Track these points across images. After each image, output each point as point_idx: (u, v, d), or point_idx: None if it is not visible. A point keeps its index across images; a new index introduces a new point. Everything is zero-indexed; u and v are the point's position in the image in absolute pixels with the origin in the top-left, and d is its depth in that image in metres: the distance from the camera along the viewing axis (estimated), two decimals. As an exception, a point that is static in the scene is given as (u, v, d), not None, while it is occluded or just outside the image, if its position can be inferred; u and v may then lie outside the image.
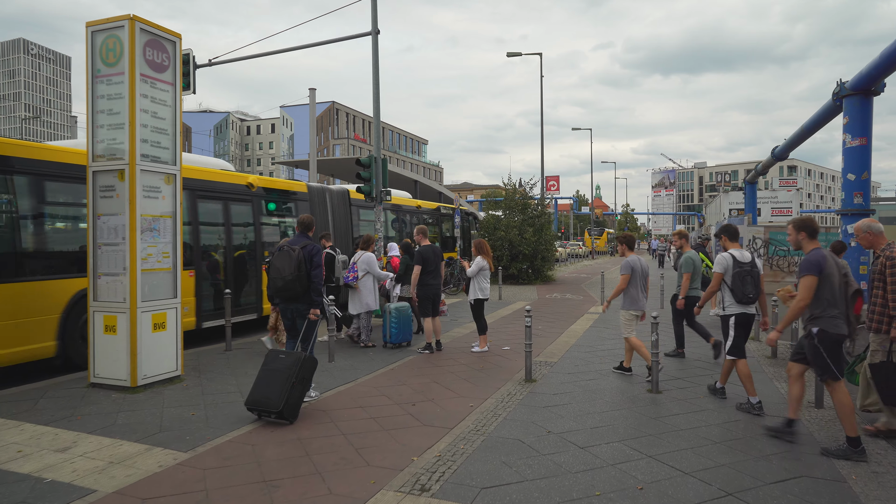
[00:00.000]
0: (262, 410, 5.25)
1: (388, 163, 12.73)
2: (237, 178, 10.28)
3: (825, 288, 4.60)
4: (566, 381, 6.91)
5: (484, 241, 8.88)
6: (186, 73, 14.05)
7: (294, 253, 5.81)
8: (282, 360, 5.42)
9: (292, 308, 5.99)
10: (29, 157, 6.91)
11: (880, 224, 5.08)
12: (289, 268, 5.76)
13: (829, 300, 4.60)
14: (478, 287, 8.65)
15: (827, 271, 4.61)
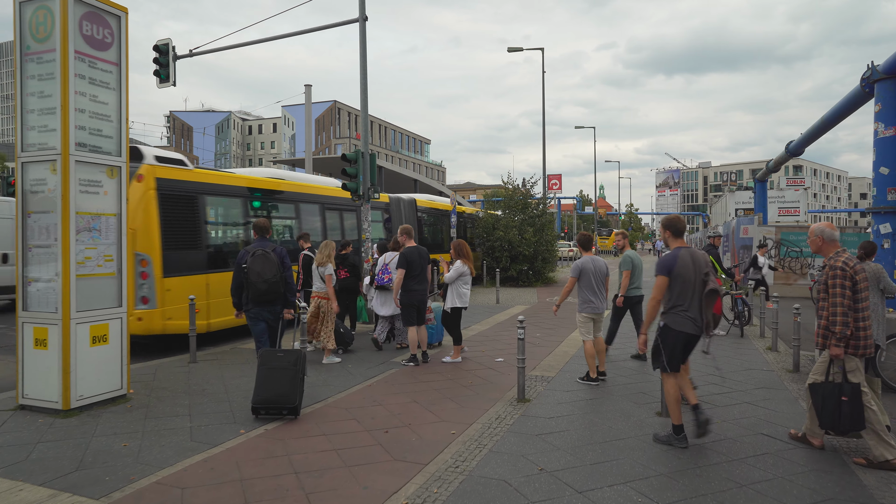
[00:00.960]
0: (275, 407, 5.38)
1: (390, 162, 11.97)
2: (344, 193, 12.00)
3: (675, 286, 4.77)
4: (564, 401, 6.11)
5: (464, 242, 8.07)
6: (166, 63, 13.30)
7: (271, 256, 5.98)
8: (281, 358, 5.52)
9: (268, 310, 6.11)
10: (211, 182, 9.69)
11: (836, 231, 4.75)
12: (270, 270, 5.93)
13: (678, 298, 4.75)
14: (456, 294, 7.86)
15: (677, 271, 4.75)
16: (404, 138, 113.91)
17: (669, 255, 4.86)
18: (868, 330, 4.44)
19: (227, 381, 6.82)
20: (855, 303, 4.40)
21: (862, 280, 4.42)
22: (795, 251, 17.95)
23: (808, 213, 50.55)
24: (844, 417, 4.32)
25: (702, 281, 4.76)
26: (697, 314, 4.74)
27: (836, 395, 4.36)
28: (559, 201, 78.48)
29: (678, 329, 4.77)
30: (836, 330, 4.33)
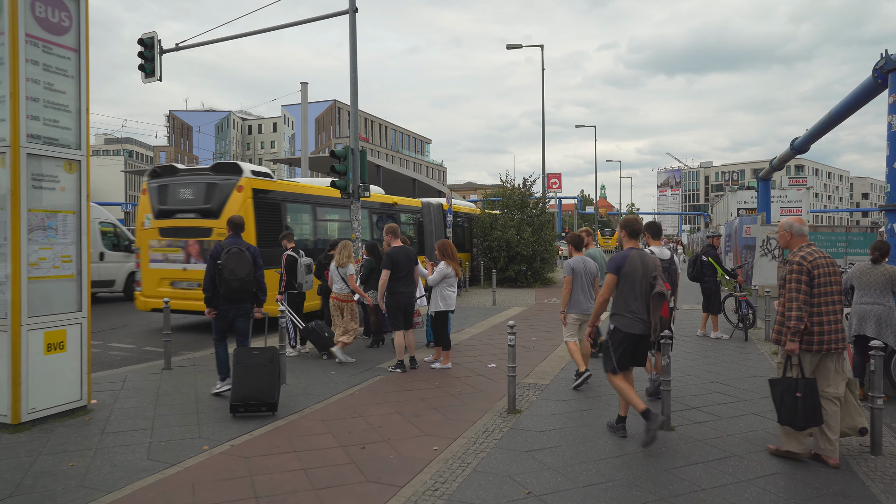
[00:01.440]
0: (254, 404, 5.43)
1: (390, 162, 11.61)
2: (388, 199, 15.39)
3: (624, 287, 4.83)
4: (557, 412, 5.69)
5: (448, 242, 7.65)
6: (151, 58, 12.90)
7: (246, 254, 5.99)
8: (257, 356, 5.55)
9: (237, 308, 6.10)
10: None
11: (804, 225, 4.66)
12: (244, 268, 5.93)
13: (626, 299, 4.82)
14: (440, 297, 7.45)
15: (626, 271, 4.81)
16: (405, 138, 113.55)
17: (619, 255, 4.94)
18: (827, 325, 4.30)
19: (200, 390, 6.42)
20: (812, 297, 4.32)
21: (822, 275, 4.33)
22: (800, 251, 17.54)
23: (811, 213, 50.04)
24: (800, 413, 4.25)
25: (649, 283, 4.80)
26: (645, 315, 4.80)
27: (793, 390, 4.28)
28: (560, 201, 78.17)
29: (626, 331, 4.84)
30: (791, 325, 4.27)
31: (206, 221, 10.02)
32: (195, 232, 10.07)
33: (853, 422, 4.52)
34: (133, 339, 10.08)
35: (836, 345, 4.34)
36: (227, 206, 9.90)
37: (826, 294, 4.34)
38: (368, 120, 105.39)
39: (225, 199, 9.99)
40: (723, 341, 9.54)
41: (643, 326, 4.81)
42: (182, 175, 10.71)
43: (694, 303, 14.62)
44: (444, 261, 7.49)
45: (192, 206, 10.24)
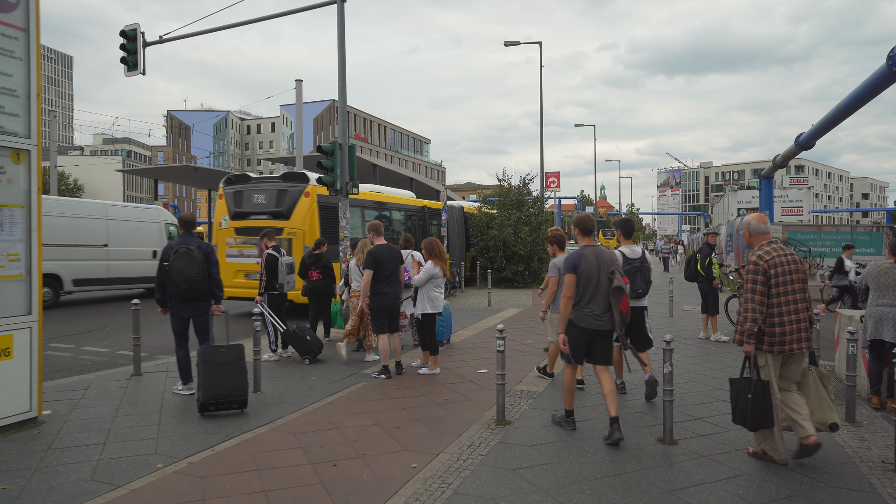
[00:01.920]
0: (225, 402, 5.39)
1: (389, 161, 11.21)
2: (419, 202, 17.51)
3: (581, 284, 4.85)
4: (550, 424, 5.24)
5: (436, 240, 7.20)
6: (133, 50, 12.45)
7: (195, 254, 5.86)
8: (224, 353, 5.53)
9: (191, 307, 6.01)
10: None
11: (765, 223, 4.54)
12: (193, 269, 5.81)
13: (584, 296, 4.84)
14: (427, 298, 7.01)
15: (582, 269, 4.85)
16: (404, 138, 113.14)
17: (575, 254, 4.97)
18: (788, 326, 4.19)
19: (167, 399, 5.97)
20: (769, 297, 4.21)
21: (780, 274, 4.22)
22: (803, 251, 17.06)
23: (812, 213, 49.58)
24: (750, 414, 4.20)
25: (607, 279, 4.84)
26: (602, 310, 4.84)
27: (746, 392, 4.24)
28: (559, 201, 77.73)
29: (581, 325, 4.87)
30: (746, 326, 4.19)
31: (277, 222, 11.54)
32: None
33: (824, 417, 4.35)
34: (110, 341, 9.63)
35: (797, 345, 4.21)
36: (297, 209, 11.67)
37: (785, 294, 4.21)
38: (367, 120, 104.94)
39: (294, 203, 11.71)
40: (727, 344, 9.10)
41: (597, 321, 4.84)
42: (255, 182, 12.42)
43: (695, 304, 14.18)
44: (431, 260, 7.05)
45: (264, 209, 11.91)
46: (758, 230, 4.51)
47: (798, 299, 4.23)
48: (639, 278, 5.90)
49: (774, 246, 4.36)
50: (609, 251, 5.09)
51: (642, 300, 5.99)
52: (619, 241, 6.33)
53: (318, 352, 7.80)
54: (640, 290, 5.90)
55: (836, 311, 7.40)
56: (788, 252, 4.34)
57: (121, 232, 15.13)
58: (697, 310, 13.22)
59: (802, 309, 4.25)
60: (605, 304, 4.84)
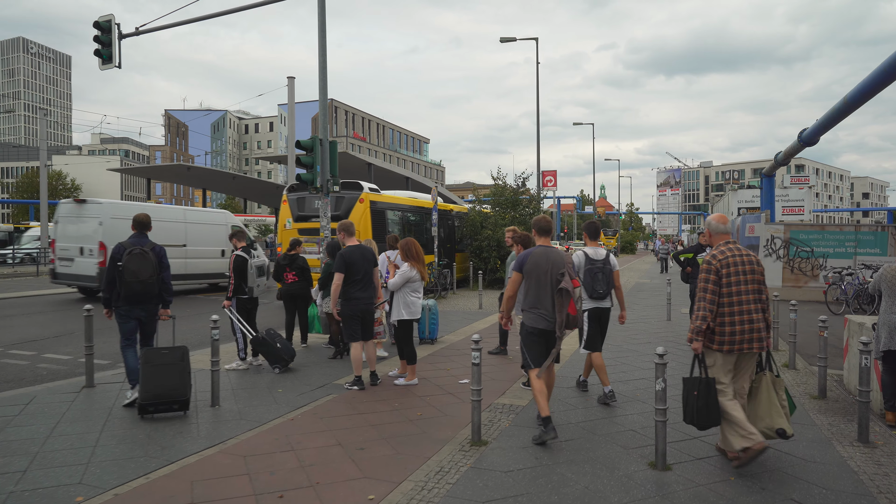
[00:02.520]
0: (165, 403, 5.35)
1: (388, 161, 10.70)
2: (448, 207, 18.72)
3: (528, 284, 4.90)
4: (531, 445, 4.73)
5: (413, 241, 6.69)
6: (108, 43, 11.94)
7: (149, 255, 5.71)
8: (167, 354, 5.50)
9: (141, 309, 5.82)
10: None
11: (724, 223, 4.58)
12: (147, 270, 5.66)
13: (531, 296, 4.89)
14: (403, 303, 6.50)
15: (528, 268, 4.88)
16: (402, 137, 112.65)
17: (523, 253, 5.02)
18: (738, 325, 4.19)
19: (114, 415, 5.46)
20: (719, 297, 4.24)
21: (731, 274, 4.24)
22: (806, 251, 16.57)
23: (813, 213, 49.05)
24: (696, 413, 4.21)
25: (556, 280, 4.81)
26: (550, 311, 4.83)
27: (693, 389, 4.24)
28: (559, 200, 77.05)
29: (531, 325, 4.90)
30: (696, 324, 4.23)
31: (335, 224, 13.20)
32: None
33: (772, 422, 4.29)
34: (75, 348, 9.11)
35: (748, 345, 4.21)
36: (353, 212, 13.51)
37: (738, 294, 4.22)
38: (366, 119, 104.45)
39: (350, 207, 13.62)
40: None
41: (547, 322, 4.84)
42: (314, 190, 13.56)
43: (694, 306, 13.69)
44: (407, 262, 6.54)
45: None
46: (717, 230, 4.55)
47: (751, 300, 4.23)
48: (601, 279, 5.86)
49: (731, 246, 4.39)
50: (561, 252, 5.07)
51: (605, 301, 5.97)
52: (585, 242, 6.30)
53: (289, 360, 7.30)
54: (602, 291, 5.88)
55: (844, 317, 6.88)
56: (745, 253, 4.36)
57: (196, 233, 16.69)
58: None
59: (756, 310, 4.24)
60: (553, 305, 4.83)
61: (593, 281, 5.80)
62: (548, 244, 5.04)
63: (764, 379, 4.40)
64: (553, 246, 5.07)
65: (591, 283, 5.79)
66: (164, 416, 5.41)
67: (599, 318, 5.92)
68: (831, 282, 14.24)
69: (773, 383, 4.40)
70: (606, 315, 5.98)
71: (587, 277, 5.80)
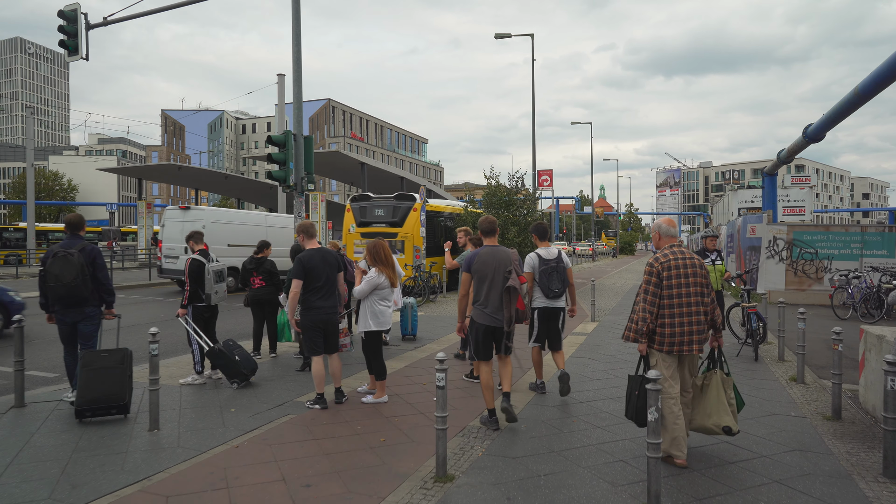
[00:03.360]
0: (102, 408, 5.27)
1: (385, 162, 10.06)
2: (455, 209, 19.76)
3: (477, 283, 5.15)
4: (505, 480, 4.09)
5: (381, 243, 6.03)
6: (74, 33, 11.30)
7: (73, 258, 5.47)
8: (106, 357, 5.41)
9: (76, 312, 5.62)
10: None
11: (673, 227, 4.67)
12: (70, 273, 5.44)
13: (479, 293, 5.13)
14: (370, 313, 5.85)
15: (476, 268, 5.13)
16: (401, 137, 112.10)
17: (470, 254, 5.28)
18: (679, 327, 4.30)
19: (34, 443, 4.80)
20: (659, 298, 4.34)
21: (672, 276, 4.35)
22: (810, 253, 15.91)
23: (814, 213, 48.37)
24: (637, 411, 4.31)
25: (503, 278, 5.05)
26: (497, 308, 5.08)
27: (634, 389, 4.34)
28: (557, 201, 76.41)
29: (479, 322, 5.13)
30: (637, 326, 4.36)
31: (392, 228, 15.96)
32: (386, 235, 15.08)
33: (720, 420, 4.39)
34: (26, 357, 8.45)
35: (687, 347, 4.31)
36: (408, 219, 15.91)
37: (679, 296, 4.31)
38: (363, 119, 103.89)
39: (405, 215, 15.99)
40: (729, 362, 7.93)
41: (493, 319, 5.09)
42: (374, 200, 16.79)
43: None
44: (375, 267, 5.89)
45: (383, 219, 16.22)
46: (667, 233, 4.62)
47: (692, 302, 4.32)
48: (555, 278, 5.93)
49: (675, 249, 4.48)
50: (508, 251, 5.25)
51: (559, 300, 6.07)
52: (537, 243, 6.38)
53: (249, 374, 6.65)
54: (557, 290, 5.94)
55: (860, 328, 6.24)
56: (689, 256, 4.44)
57: (275, 235, 18.18)
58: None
59: (697, 312, 4.32)
60: (501, 302, 5.06)
61: (549, 280, 5.91)
62: (494, 244, 5.29)
63: (714, 377, 4.50)
64: (499, 245, 5.31)
65: (546, 283, 5.92)
66: (97, 435, 4.76)
67: (552, 317, 6.11)
68: (837, 285, 13.59)
69: (722, 381, 4.49)
70: (559, 314, 6.14)
71: (542, 277, 5.92)
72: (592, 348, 8.95)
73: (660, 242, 4.65)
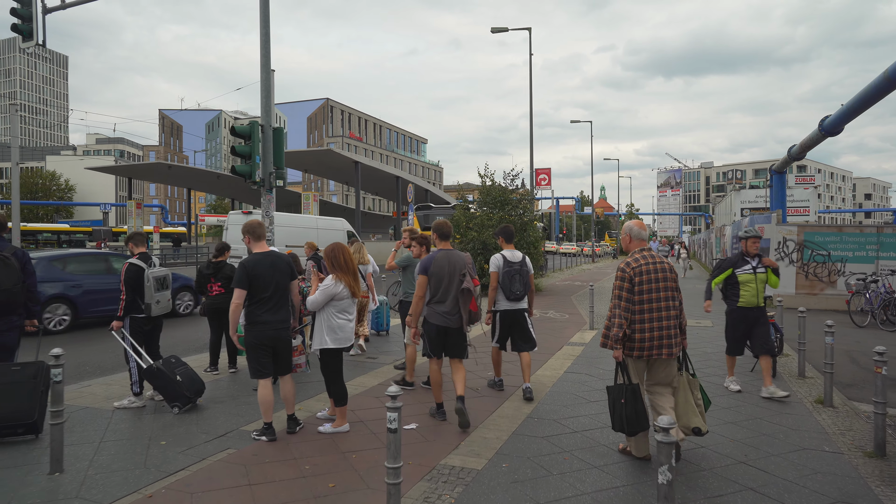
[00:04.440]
0: (8, 426, 4.79)
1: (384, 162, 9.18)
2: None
3: (433, 285, 5.25)
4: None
5: (341, 246, 5.13)
6: (28, 17, 10.42)
7: (11, 262, 5.07)
8: (17, 371, 4.97)
9: (4, 321, 5.12)
10: None
11: (644, 230, 4.54)
12: (10, 279, 5.04)
13: (434, 295, 5.25)
14: (327, 328, 4.96)
15: (433, 271, 5.24)
16: (400, 137, 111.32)
17: (427, 257, 5.34)
18: (648, 332, 4.26)
19: None
20: (632, 304, 4.30)
21: (643, 281, 4.29)
22: (822, 255, 15.02)
23: (818, 214, 47.52)
24: (626, 419, 4.22)
25: (458, 280, 5.20)
26: (451, 309, 5.21)
27: (619, 397, 4.26)
28: (557, 201, 75.49)
29: (432, 321, 5.25)
30: (612, 332, 4.32)
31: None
32: None
33: (689, 421, 4.33)
34: None
35: (657, 351, 4.27)
36: None
37: (649, 301, 4.29)
38: (362, 119, 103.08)
39: None
40: (745, 377, 7.03)
41: (446, 319, 5.20)
42: (435, 209, 18.24)
43: (701, 317, 12.13)
44: (333, 274, 5.00)
45: None
46: (638, 236, 4.55)
47: (663, 307, 4.30)
48: (517, 281, 5.95)
49: (645, 254, 4.43)
50: (462, 255, 5.35)
51: (521, 302, 6.08)
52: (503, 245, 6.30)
53: (193, 396, 5.77)
54: (518, 293, 5.96)
55: None
56: (659, 260, 4.39)
57: (324, 237, 19.13)
58: (703, 324, 11.20)
59: (668, 317, 4.30)
60: (456, 304, 5.20)
61: (511, 282, 5.93)
62: (448, 247, 5.38)
63: (681, 379, 4.46)
64: (453, 249, 5.40)
65: (508, 285, 5.93)
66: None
67: (515, 319, 6.10)
68: (855, 290, 12.68)
69: (689, 383, 4.45)
70: (522, 315, 6.12)
71: (505, 279, 5.94)
72: (589, 362, 8.07)
73: (630, 245, 4.57)
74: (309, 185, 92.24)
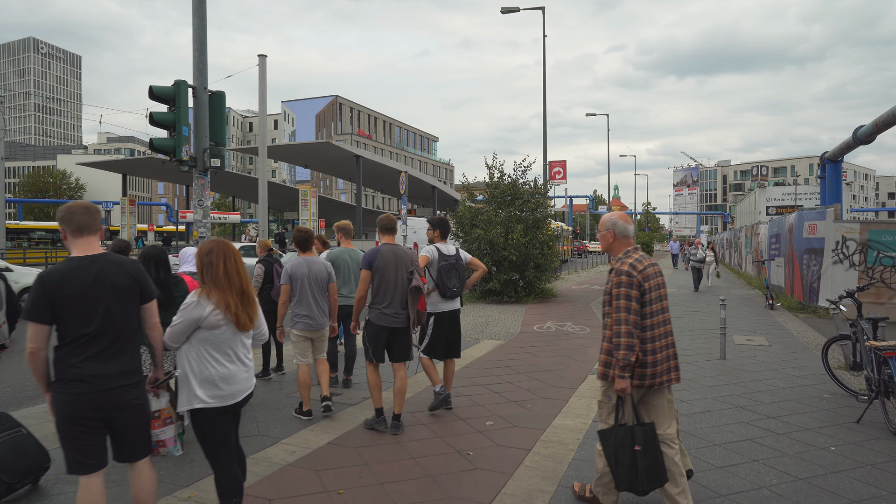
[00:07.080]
0: None
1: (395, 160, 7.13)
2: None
3: (377, 281, 4.90)
4: None
5: (224, 246, 3.06)
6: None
7: None
8: None
9: None
10: None
11: (630, 224, 3.60)
12: None
13: (379, 293, 4.90)
14: (195, 375, 2.93)
15: (377, 265, 4.89)
16: (410, 135, 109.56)
17: (371, 251, 5.02)
18: (658, 354, 3.37)
19: None
20: (642, 318, 3.37)
21: (653, 289, 3.41)
22: (891, 257, 12.73)
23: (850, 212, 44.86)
24: (641, 473, 3.21)
25: (405, 278, 4.90)
26: (398, 309, 4.88)
27: (630, 443, 3.25)
28: (571, 200, 73.15)
29: (378, 323, 4.91)
30: (620, 355, 3.27)
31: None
32: None
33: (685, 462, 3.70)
34: None
35: (667, 376, 3.42)
36: None
37: (658, 313, 3.44)
38: (371, 116, 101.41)
39: None
40: (851, 429, 4.88)
41: (394, 320, 4.88)
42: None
43: (749, 331, 9.90)
44: (201, 289, 2.97)
45: None
46: (623, 233, 3.58)
47: (667, 320, 3.50)
48: (454, 276, 5.41)
49: (641, 254, 3.56)
50: (408, 250, 5.05)
51: (455, 301, 5.52)
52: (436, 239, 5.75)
53: (17, 483, 3.75)
54: (455, 289, 5.40)
55: None
56: (652, 261, 3.56)
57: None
58: (756, 343, 9.01)
59: (671, 332, 3.53)
60: (403, 303, 4.88)
61: (447, 278, 5.42)
62: (392, 242, 5.06)
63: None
64: (398, 244, 5.05)
65: (444, 281, 5.40)
66: None
67: (451, 321, 5.48)
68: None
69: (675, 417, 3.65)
70: (456, 317, 5.55)
71: (440, 275, 5.41)
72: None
73: (614, 245, 3.60)
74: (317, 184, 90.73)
